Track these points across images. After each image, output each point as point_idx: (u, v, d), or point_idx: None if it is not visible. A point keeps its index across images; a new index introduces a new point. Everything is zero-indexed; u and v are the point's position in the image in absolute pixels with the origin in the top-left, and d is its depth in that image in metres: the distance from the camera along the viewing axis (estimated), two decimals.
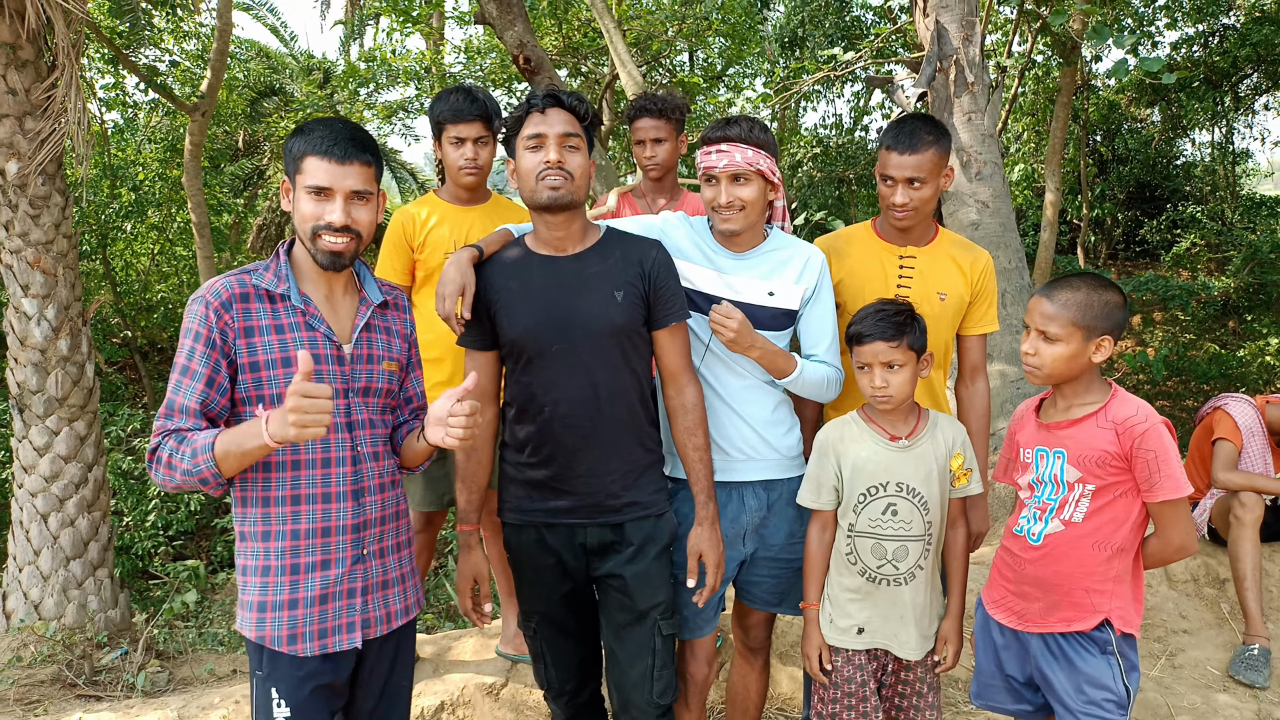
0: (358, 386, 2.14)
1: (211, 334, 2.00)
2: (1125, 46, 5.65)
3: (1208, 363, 11.75)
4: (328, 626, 2.09)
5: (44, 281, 5.07)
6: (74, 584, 5.10)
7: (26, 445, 5.13)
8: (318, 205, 2.02)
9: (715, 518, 2.45)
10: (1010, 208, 6.66)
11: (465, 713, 3.28)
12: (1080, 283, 2.34)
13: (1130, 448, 2.26)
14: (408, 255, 3.17)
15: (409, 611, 2.27)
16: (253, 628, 2.09)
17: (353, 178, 2.03)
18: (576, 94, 2.38)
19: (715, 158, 2.46)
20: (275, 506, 2.06)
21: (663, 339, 2.43)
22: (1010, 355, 6.58)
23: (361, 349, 2.17)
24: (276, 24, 17.73)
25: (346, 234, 2.04)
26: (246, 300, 2.05)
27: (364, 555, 2.14)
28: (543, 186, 2.29)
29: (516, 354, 2.39)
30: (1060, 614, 2.39)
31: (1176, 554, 2.38)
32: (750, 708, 2.85)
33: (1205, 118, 17.22)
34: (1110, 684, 2.34)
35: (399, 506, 2.25)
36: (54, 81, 5.05)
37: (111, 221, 12.66)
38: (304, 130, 2.07)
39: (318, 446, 2.07)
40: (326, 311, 2.14)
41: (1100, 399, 2.35)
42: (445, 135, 3.11)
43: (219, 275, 2.10)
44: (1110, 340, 2.32)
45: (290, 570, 2.06)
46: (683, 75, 14.51)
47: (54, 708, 3.91)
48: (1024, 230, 15.41)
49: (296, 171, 2.06)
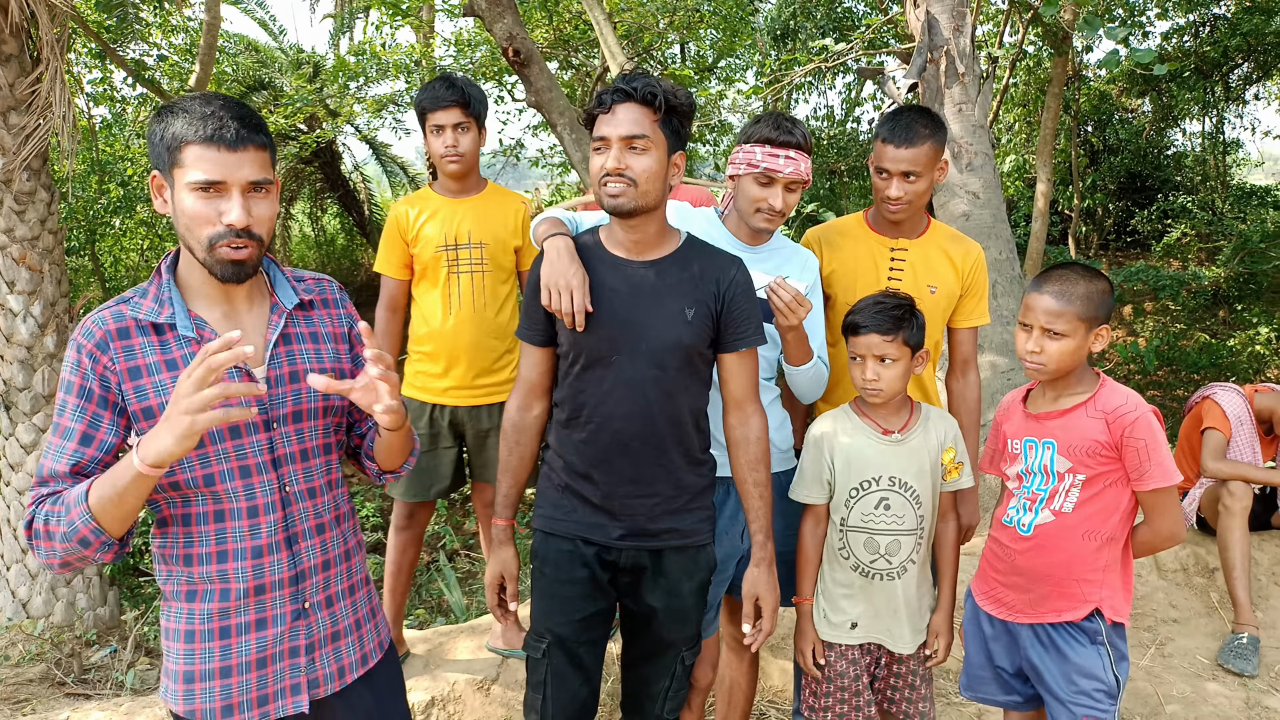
0: (282, 414, 1.80)
1: (86, 383, 1.68)
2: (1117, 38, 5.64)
3: (1198, 352, 11.77)
4: (268, 692, 1.81)
5: (30, 278, 5.05)
6: (62, 582, 5.09)
7: (13, 443, 5.11)
8: (208, 204, 1.64)
9: (773, 559, 2.31)
10: (1001, 199, 6.66)
11: (455, 709, 3.27)
12: (1075, 275, 2.32)
13: (1120, 437, 2.27)
14: (404, 250, 3.16)
15: (366, 660, 1.96)
16: (179, 700, 1.79)
17: (248, 166, 1.66)
18: (651, 81, 2.14)
19: (783, 163, 2.41)
20: (199, 565, 1.76)
21: (730, 363, 2.28)
22: (1000, 347, 6.58)
23: (281, 367, 1.81)
24: (265, 17, 17.64)
25: (248, 237, 1.67)
26: (127, 336, 1.70)
27: (305, 609, 1.84)
28: (605, 194, 2.14)
29: (573, 357, 2.24)
30: (1050, 605, 2.39)
31: (1167, 542, 2.39)
32: (741, 700, 2.85)
33: (1196, 108, 17.25)
34: (1100, 674, 2.34)
35: (346, 545, 1.93)
36: (39, 76, 5.02)
37: (100, 217, 12.59)
38: (175, 111, 1.67)
39: (240, 493, 1.75)
40: (227, 331, 1.72)
41: (1089, 389, 2.36)
42: (428, 124, 3.10)
43: (94, 309, 1.74)
44: (1107, 329, 2.34)
45: (220, 634, 1.77)
46: (674, 68, 14.48)
47: (42, 706, 3.89)
48: (1015, 221, 15.43)
49: (174, 165, 1.66)
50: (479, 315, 3.13)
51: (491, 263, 3.15)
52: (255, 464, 1.77)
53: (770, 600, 2.31)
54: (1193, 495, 4.38)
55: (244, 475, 1.76)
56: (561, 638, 2.30)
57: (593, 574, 2.29)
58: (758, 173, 2.43)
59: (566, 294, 2.14)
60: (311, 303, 1.92)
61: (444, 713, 3.26)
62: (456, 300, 3.12)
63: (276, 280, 1.88)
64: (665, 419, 2.22)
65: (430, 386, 3.18)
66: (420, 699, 3.24)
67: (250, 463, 1.76)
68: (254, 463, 1.77)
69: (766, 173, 2.42)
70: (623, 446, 2.22)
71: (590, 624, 2.32)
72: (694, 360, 2.24)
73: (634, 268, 2.24)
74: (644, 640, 2.38)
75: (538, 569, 2.35)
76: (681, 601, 2.32)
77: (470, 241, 3.12)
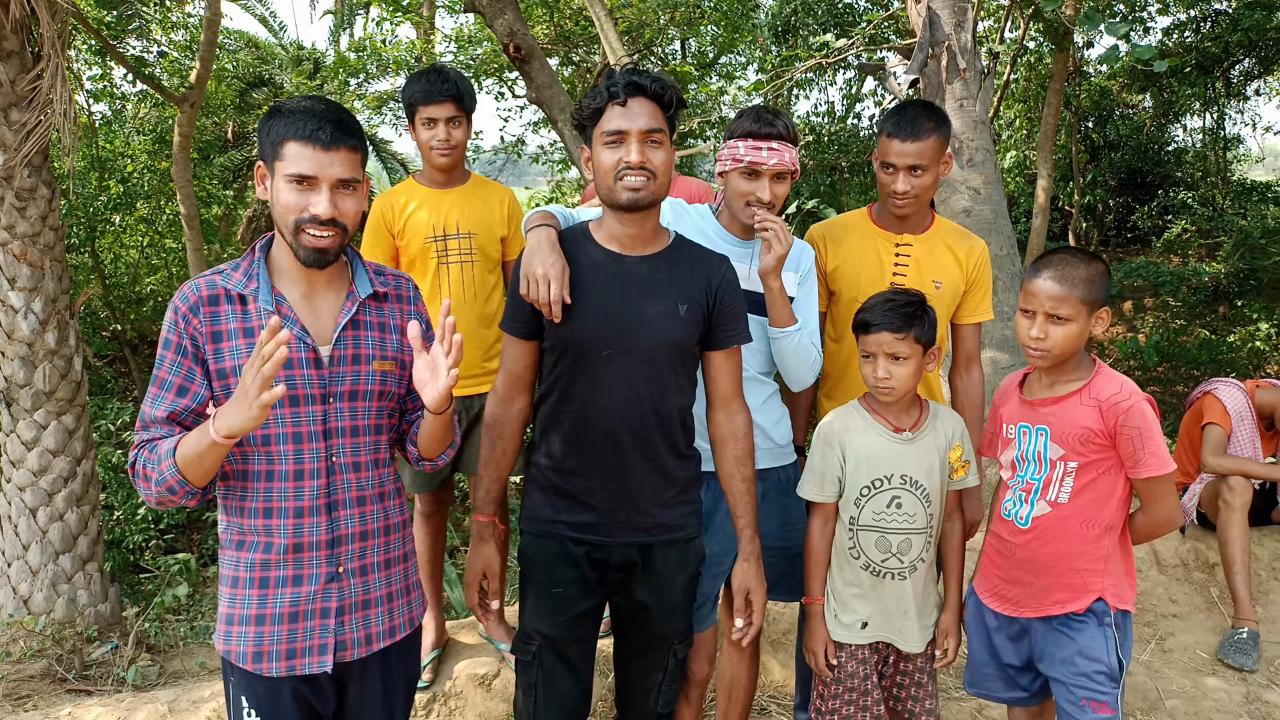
0: (340, 390, 1.96)
1: (182, 340, 1.88)
2: (1117, 33, 5.64)
3: (1198, 348, 11.77)
4: (297, 647, 1.95)
5: (31, 274, 5.05)
6: (63, 578, 5.09)
7: (14, 439, 5.11)
8: (300, 195, 1.85)
9: (759, 553, 2.35)
10: (1002, 195, 6.65)
11: (457, 704, 3.27)
12: (1074, 259, 2.32)
13: (1114, 425, 2.28)
14: (389, 242, 3.16)
15: (395, 632, 2.08)
16: (220, 640, 1.98)
17: (339, 165, 1.85)
18: (660, 78, 2.16)
19: (766, 154, 2.41)
20: (249, 518, 1.94)
21: (718, 361, 2.31)
22: (1002, 342, 6.58)
23: (346, 349, 1.97)
24: (265, 14, 17.62)
25: (332, 227, 1.86)
26: (215, 303, 1.91)
27: (339, 573, 1.97)
28: (622, 187, 2.12)
29: (561, 351, 2.22)
30: (1054, 596, 2.39)
31: (1164, 527, 2.40)
32: (741, 695, 2.85)
33: (1197, 103, 17.23)
34: (1103, 655, 2.35)
35: (388, 520, 2.07)
36: (39, 72, 5.01)
37: (100, 214, 12.58)
38: (283, 111, 1.88)
39: (290, 456, 1.92)
40: (303, 310, 1.95)
41: (1085, 376, 2.36)
42: (418, 117, 3.10)
43: (197, 275, 1.96)
44: (1107, 311, 2.33)
45: (259, 584, 1.93)
46: (674, 64, 14.47)
47: (44, 703, 3.90)
48: (1016, 217, 15.41)
49: (275, 158, 1.87)
50: (469, 305, 3.14)
51: (480, 253, 3.15)
52: (308, 432, 1.93)
53: (760, 594, 2.33)
54: (1193, 490, 4.38)
55: (295, 441, 1.92)
56: (551, 639, 2.30)
57: (582, 573, 2.29)
58: (743, 166, 2.44)
59: (544, 283, 2.13)
60: (386, 295, 2.08)
61: (445, 708, 3.26)
62: (446, 290, 3.12)
63: (357, 270, 2.05)
64: (655, 415, 2.22)
65: None
66: (422, 694, 3.25)
67: (304, 430, 1.93)
68: (306, 430, 1.93)
69: (751, 165, 2.42)
70: (613, 442, 2.22)
71: (580, 623, 2.31)
72: (684, 357, 2.25)
73: (627, 263, 2.23)
74: (636, 636, 2.38)
75: (526, 571, 2.35)
76: (672, 596, 2.33)
77: (459, 231, 3.13)
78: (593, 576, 2.30)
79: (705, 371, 2.33)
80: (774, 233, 2.39)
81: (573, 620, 2.29)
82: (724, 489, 2.35)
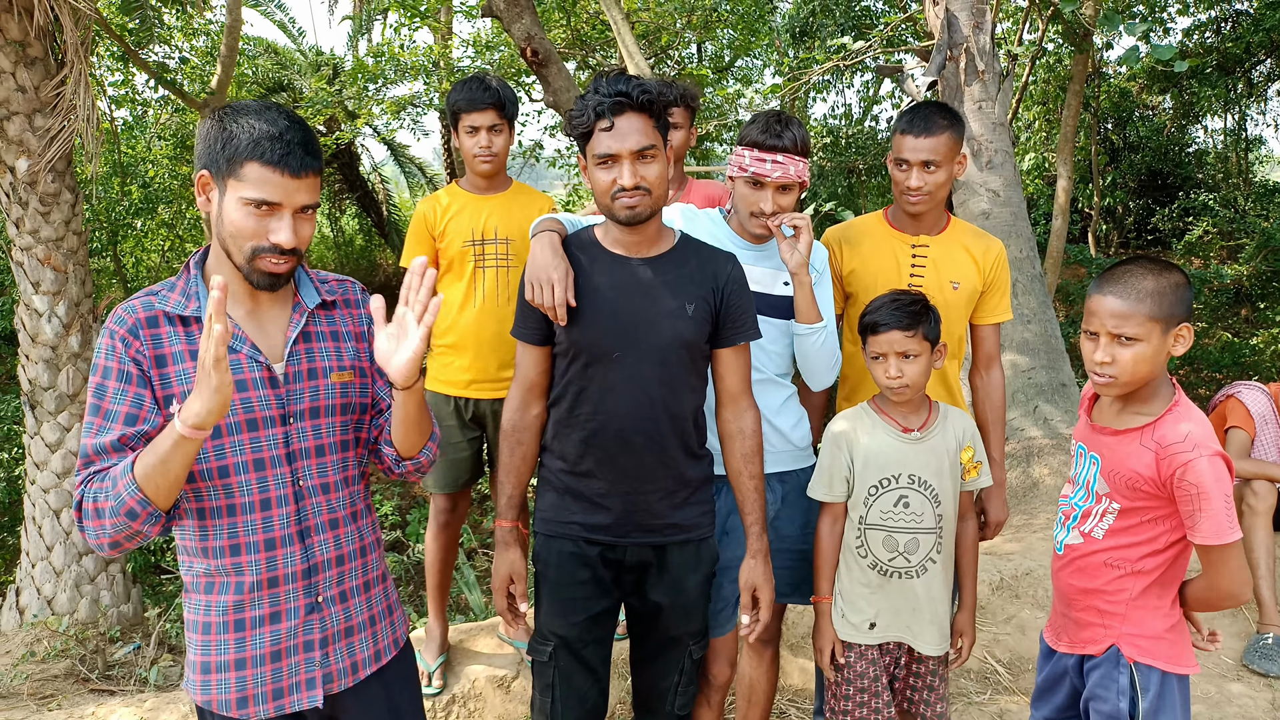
0: (299, 409, 1.83)
1: (124, 366, 1.73)
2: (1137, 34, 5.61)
3: (1220, 351, 11.67)
4: (283, 686, 1.84)
5: (55, 278, 5.10)
6: (86, 579, 5.14)
7: (38, 441, 5.16)
8: (258, 221, 1.70)
9: (768, 551, 2.34)
10: (1021, 197, 6.62)
11: (476, 706, 3.28)
12: (1141, 270, 2.03)
13: (1170, 477, 1.99)
14: (430, 245, 3.22)
15: (380, 656, 1.98)
16: (198, 690, 1.84)
17: (304, 192, 1.73)
18: (646, 86, 2.10)
19: (770, 167, 2.40)
20: (214, 558, 1.80)
21: (727, 358, 2.31)
22: (1021, 346, 6.55)
23: (300, 364, 1.84)
24: (284, 20, 17.76)
25: (292, 255, 1.74)
26: (155, 324, 1.76)
27: (319, 603, 1.86)
28: (619, 206, 2.14)
29: (573, 354, 2.23)
30: (1082, 634, 2.22)
31: (1225, 601, 2.07)
32: (761, 699, 2.85)
33: (1218, 104, 17.10)
34: (1112, 700, 2.12)
35: (362, 541, 1.96)
36: (63, 79, 5.07)
37: (122, 219, 12.70)
38: (242, 124, 1.70)
39: (253, 486, 1.78)
40: (251, 328, 1.82)
41: (1157, 411, 2.06)
42: (460, 124, 3.15)
43: (129, 297, 1.81)
44: (1188, 327, 2.03)
45: (234, 627, 1.80)
46: (691, 68, 14.47)
47: (68, 702, 3.93)
48: (1035, 219, 15.33)
49: (230, 175, 1.70)
50: (502, 309, 3.17)
51: (516, 259, 3.19)
52: (270, 457, 1.80)
53: (767, 591, 2.33)
54: None
55: (258, 468, 1.79)
56: (567, 640, 2.30)
57: (596, 574, 2.30)
58: (746, 177, 2.44)
59: (547, 287, 2.15)
60: (334, 303, 1.95)
61: (465, 710, 3.27)
62: (480, 294, 3.16)
63: (301, 280, 1.92)
64: (667, 415, 2.23)
65: (454, 380, 3.21)
66: (441, 698, 3.26)
67: (265, 455, 1.80)
68: (268, 456, 1.80)
69: (755, 176, 2.42)
70: (625, 443, 2.23)
71: (595, 624, 2.32)
72: (694, 356, 2.26)
73: (633, 265, 2.25)
74: (651, 637, 2.39)
75: (541, 572, 2.36)
76: (686, 596, 2.33)
77: (496, 237, 3.17)
78: (607, 577, 2.31)
79: (714, 369, 2.34)
80: (802, 226, 2.39)
81: (588, 621, 2.30)
82: (732, 486, 2.36)
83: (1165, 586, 2.13)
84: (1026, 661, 3.87)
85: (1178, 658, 2.12)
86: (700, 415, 2.34)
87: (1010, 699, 3.68)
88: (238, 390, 1.77)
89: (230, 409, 1.74)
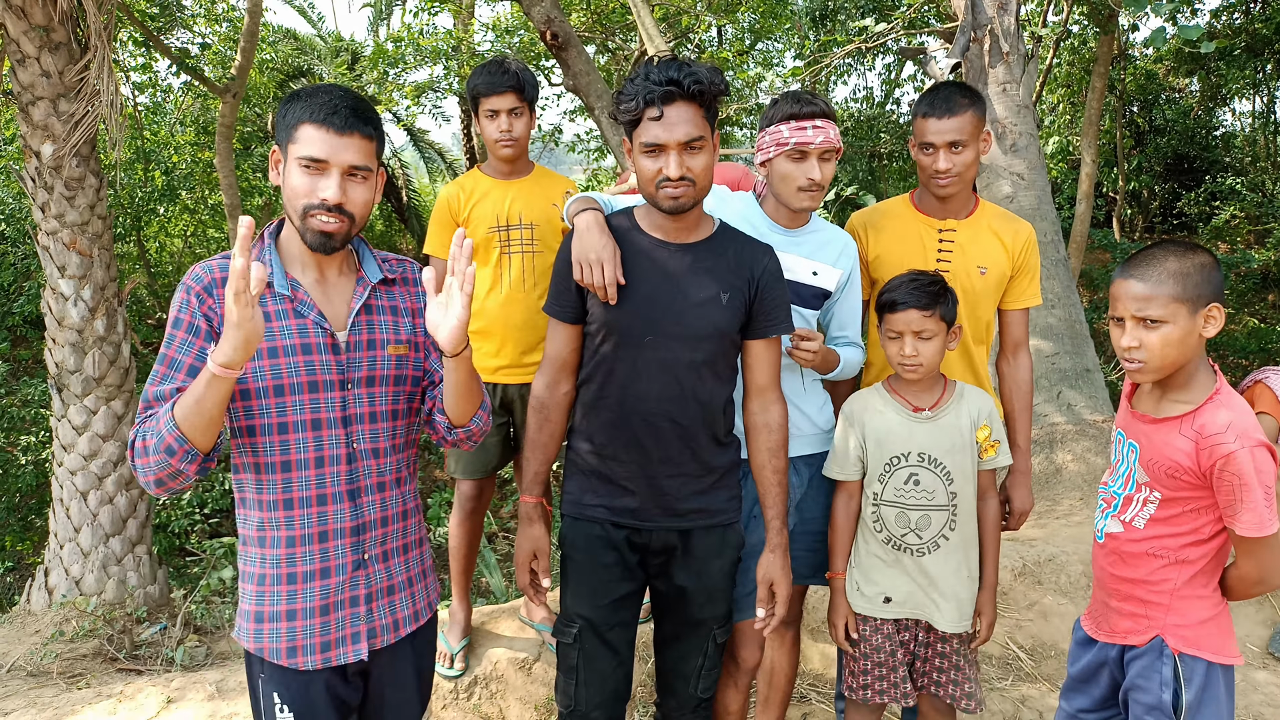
0: (357, 376, 1.94)
1: (195, 320, 1.84)
2: (1163, 14, 5.52)
3: (1247, 337, 11.55)
4: (331, 639, 1.94)
5: (80, 263, 5.14)
6: (114, 560, 5.19)
7: (65, 424, 5.21)
8: (310, 179, 1.82)
9: (787, 545, 2.33)
10: (1046, 180, 6.56)
11: (498, 687, 3.30)
12: (1163, 251, 2.01)
13: (1210, 468, 1.97)
14: (454, 230, 3.20)
15: (419, 617, 2.09)
16: (250, 639, 1.94)
17: (351, 151, 1.82)
18: (699, 75, 2.07)
19: (812, 133, 2.38)
20: (268, 511, 1.90)
21: (758, 350, 2.30)
22: (1045, 331, 6.50)
23: (360, 334, 1.96)
24: (304, 5, 17.79)
25: (339, 214, 1.83)
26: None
27: (365, 560, 1.97)
28: (663, 195, 2.12)
29: (603, 335, 2.22)
30: (1121, 624, 2.19)
31: (1255, 588, 2.07)
32: (781, 681, 2.85)
33: (1246, 86, 16.85)
34: (1155, 692, 2.09)
35: (405, 505, 2.07)
36: (86, 64, 5.09)
37: (145, 204, 12.80)
38: (301, 95, 1.86)
39: (309, 444, 1.89)
40: (318, 296, 1.93)
41: (1198, 399, 2.02)
42: (481, 109, 3.14)
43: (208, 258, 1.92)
44: (1219, 308, 1.99)
45: (287, 579, 1.91)
46: (711, 51, 14.40)
47: (96, 681, 3.98)
48: (1059, 203, 15.18)
49: (289, 140, 1.84)
50: (528, 295, 3.16)
51: (541, 243, 3.18)
52: (327, 419, 1.91)
53: (784, 586, 2.32)
54: None
55: (314, 428, 1.90)
56: (592, 622, 2.31)
57: (622, 557, 2.31)
58: (789, 149, 2.41)
59: (598, 266, 2.15)
60: (395, 280, 2.07)
61: (486, 691, 3.29)
62: (507, 279, 3.16)
63: (364, 258, 2.04)
64: (696, 402, 2.23)
65: (482, 365, 3.21)
66: (463, 678, 3.28)
67: (323, 416, 1.90)
68: (325, 417, 1.91)
69: (798, 147, 2.40)
70: (652, 428, 2.23)
71: (620, 606, 2.33)
72: (726, 345, 2.25)
73: (671, 250, 2.24)
74: (675, 620, 2.39)
75: (567, 554, 2.36)
76: (711, 580, 2.33)
77: (521, 222, 3.16)
78: (633, 560, 2.32)
79: (744, 360, 2.34)
80: (803, 345, 2.43)
81: (613, 603, 2.31)
82: (755, 478, 2.35)
83: (1209, 575, 2.11)
84: (1049, 648, 3.85)
85: (1223, 648, 2.10)
86: (730, 404, 2.34)
87: (1032, 686, 3.67)
88: (303, 354, 1.88)
89: (294, 370, 1.86)
